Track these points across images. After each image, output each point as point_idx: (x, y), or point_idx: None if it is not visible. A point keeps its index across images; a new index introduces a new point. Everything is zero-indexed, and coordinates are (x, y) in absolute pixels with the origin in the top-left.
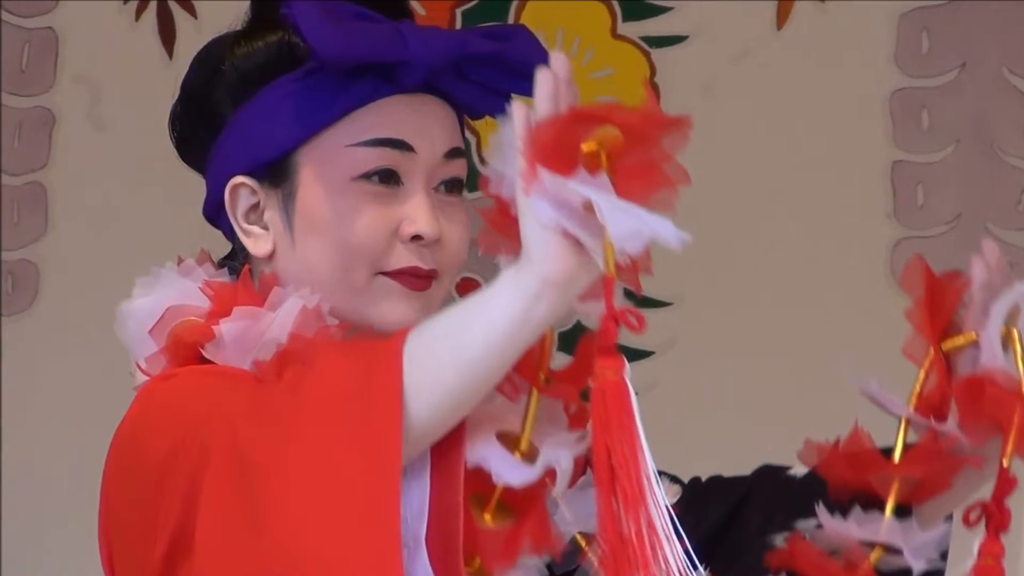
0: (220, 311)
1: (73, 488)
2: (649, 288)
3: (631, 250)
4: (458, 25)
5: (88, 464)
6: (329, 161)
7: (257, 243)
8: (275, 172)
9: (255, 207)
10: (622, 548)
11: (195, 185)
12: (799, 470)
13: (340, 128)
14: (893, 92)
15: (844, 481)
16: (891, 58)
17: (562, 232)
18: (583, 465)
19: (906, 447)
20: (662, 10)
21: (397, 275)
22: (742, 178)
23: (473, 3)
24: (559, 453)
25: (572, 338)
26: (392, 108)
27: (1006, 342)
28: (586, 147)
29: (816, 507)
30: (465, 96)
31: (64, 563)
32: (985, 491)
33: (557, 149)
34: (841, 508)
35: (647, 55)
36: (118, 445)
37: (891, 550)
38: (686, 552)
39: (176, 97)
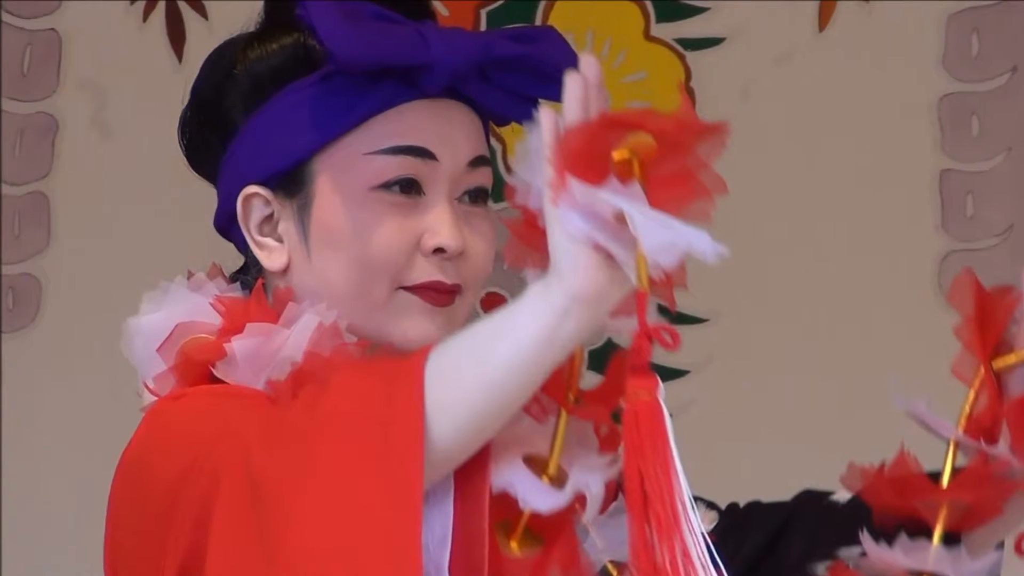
0: (232, 328)
1: (77, 513)
2: (684, 304)
3: (665, 264)
4: (483, 26)
5: (93, 488)
6: (347, 170)
7: (271, 256)
8: (290, 181)
9: (269, 218)
10: None
11: (206, 195)
12: (842, 495)
13: (358, 135)
14: (941, 97)
15: (890, 507)
16: (939, 61)
17: (592, 245)
18: (614, 490)
19: (955, 471)
20: (698, 11)
21: (419, 290)
22: (782, 188)
23: (499, 3)
24: (589, 477)
25: (603, 356)
26: (413, 114)
27: None
28: (618, 155)
29: (860, 534)
30: (490, 101)
31: None
32: None
33: (587, 157)
34: (887, 535)
35: (682, 58)
36: (125, 469)
37: None
38: None
39: (186, 102)
